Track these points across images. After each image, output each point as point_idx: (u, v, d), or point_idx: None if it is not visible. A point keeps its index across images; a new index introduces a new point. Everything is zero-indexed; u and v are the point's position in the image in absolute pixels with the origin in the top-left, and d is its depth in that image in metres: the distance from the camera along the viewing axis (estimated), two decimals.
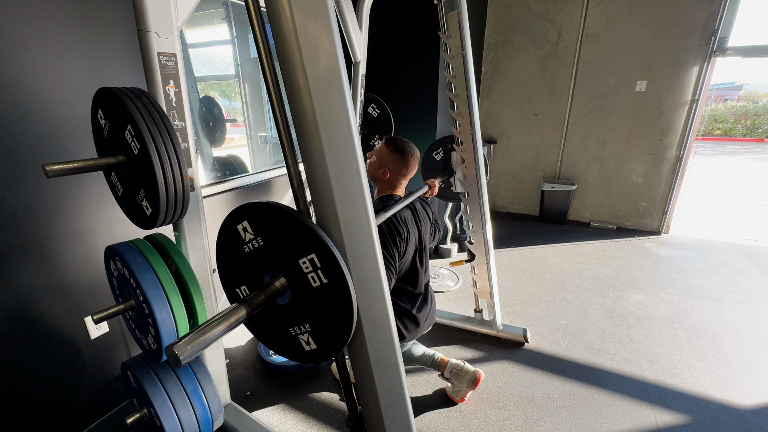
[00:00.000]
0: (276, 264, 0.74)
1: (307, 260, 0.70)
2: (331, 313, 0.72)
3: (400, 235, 1.39)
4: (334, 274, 0.69)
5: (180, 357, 0.56)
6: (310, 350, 0.78)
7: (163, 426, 1.14)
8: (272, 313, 0.80)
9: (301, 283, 0.72)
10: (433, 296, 1.68)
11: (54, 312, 1.43)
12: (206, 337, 0.60)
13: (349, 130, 0.71)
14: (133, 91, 0.96)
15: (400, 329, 1.52)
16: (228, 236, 0.79)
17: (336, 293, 0.70)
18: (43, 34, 1.28)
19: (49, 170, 0.85)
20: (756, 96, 19.63)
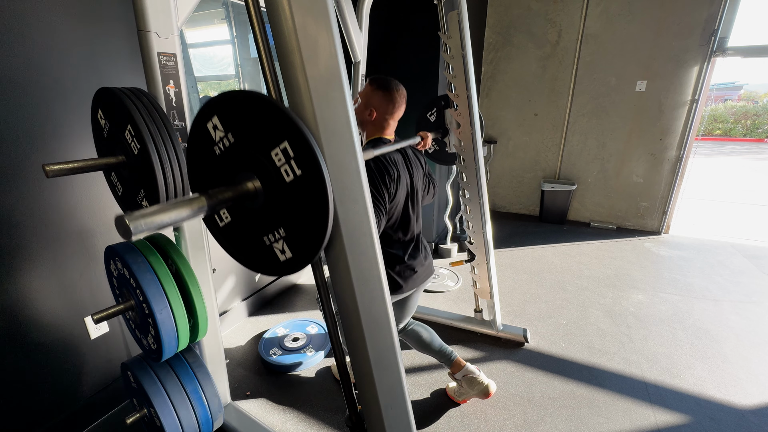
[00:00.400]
0: (249, 163, 0.69)
1: (279, 151, 0.65)
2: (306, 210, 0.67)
3: (390, 175, 1.32)
4: (308, 162, 0.64)
5: (131, 227, 0.52)
6: (286, 260, 0.73)
7: (163, 426, 1.14)
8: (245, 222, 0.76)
9: (274, 180, 0.68)
10: (427, 247, 1.60)
11: (54, 312, 1.43)
12: (160, 217, 0.57)
13: (349, 130, 0.71)
14: (133, 91, 0.96)
15: (394, 278, 1.45)
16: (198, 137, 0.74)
17: (310, 185, 0.65)
18: (43, 34, 1.28)
19: (49, 170, 0.85)
20: (756, 96, 19.63)
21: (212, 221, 0.82)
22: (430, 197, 1.67)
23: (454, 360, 1.71)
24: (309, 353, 2.03)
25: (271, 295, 2.67)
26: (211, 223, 0.82)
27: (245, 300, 2.44)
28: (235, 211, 0.77)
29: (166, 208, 0.59)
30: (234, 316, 2.36)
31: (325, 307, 0.88)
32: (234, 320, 2.36)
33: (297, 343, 2.10)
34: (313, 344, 2.11)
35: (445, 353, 1.72)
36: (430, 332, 1.75)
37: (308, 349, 2.07)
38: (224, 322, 2.28)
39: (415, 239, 1.53)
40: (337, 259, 0.74)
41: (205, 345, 1.46)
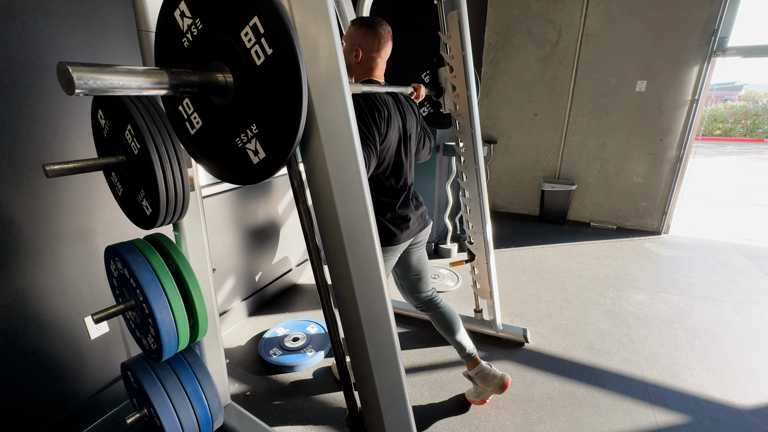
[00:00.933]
0: (219, 52, 0.66)
1: (249, 29, 0.61)
2: (278, 96, 0.63)
3: (379, 112, 1.27)
4: (279, 36, 0.59)
5: (75, 79, 0.47)
6: (260, 161, 0.69)
7: (163, 426, 1.14)
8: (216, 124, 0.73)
9: (245, 66, 0.64)
10: (420, 198, 1.54)
11: (54, 312, 1.43)
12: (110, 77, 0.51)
13: (349, 130, 0.71)
14: None
15: (387, 226, 1.38)
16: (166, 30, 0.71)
17: (282, 63, 0.60)
18: (42, 34, 1.28)
19: (49, 170, 0.85)
20: (756, 96, 19.63)
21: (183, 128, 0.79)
22: (427, 151, 1.61)
23: (474, 357, 1.70)
24: (309, 353, 2.03)
25: (271, 295, 2.67)
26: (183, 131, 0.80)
27: (245, 300, 2.44)
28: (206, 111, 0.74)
29: (120, 70, 0.53)
30: (234, 316, 2.36)
31: (325, 307, 0.89)
32: (234, 320, 2.36)
33: (297, 343, 2.10)
34: (313, 344, 2.11)
35: (466, 347, 1.69)
36: (457, 320, 1.70)
37: (308, 349, 2.07)
38: (224, 322, 2.28)
39: (407, 189, 1.47)
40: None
41: (205, 345, 1.46)
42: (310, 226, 0.78)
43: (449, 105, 1.89)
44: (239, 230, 2.31)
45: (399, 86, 1.44)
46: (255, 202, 2.41)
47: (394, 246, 1.42)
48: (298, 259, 2.91)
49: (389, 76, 1.50)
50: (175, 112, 0.84)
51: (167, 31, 0.71)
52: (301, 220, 0.78)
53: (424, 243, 1.60)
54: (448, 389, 1.84)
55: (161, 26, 0.72)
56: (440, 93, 1.91)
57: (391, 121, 1.31)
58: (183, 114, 0.80)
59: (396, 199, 1.42)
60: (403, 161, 1.42)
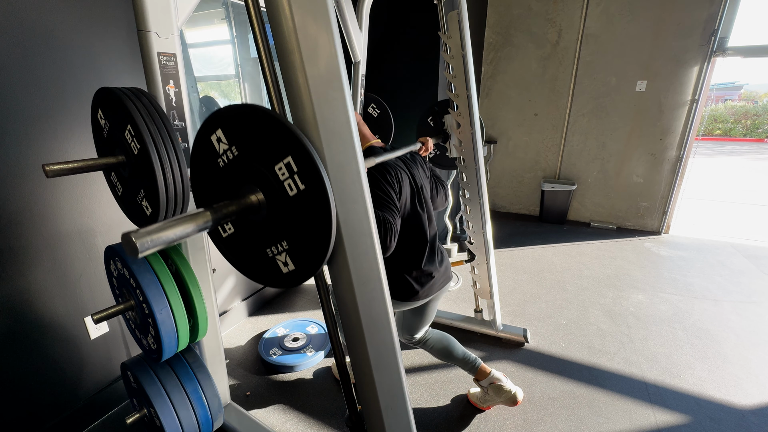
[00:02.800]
0: (252, 176, 0.70)
1: (283, 165, 0.65)
2: (309, 224, 0.67)
3: (390, 174, 1.30)
4: (311, 178, 0.64)
5: (138, 246, 0.53)
6: (288, 272, 0.73)
7: (163, 426, 1.14)
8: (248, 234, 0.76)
9: (278, 194, 0.68)
10: (444, 251, 1.55)
11: (54, 312, 1.43)
12: (166, 233, 0.57)
13: (349, 130, 0.71)
14: (133, 91, 0.96)
15: (411, 284, 1.39)
16: (202, 150, 0.75)
17: (313, 200, 0.65)
18: (42, 34, 1.28)
19: (49, 170, 0.85)
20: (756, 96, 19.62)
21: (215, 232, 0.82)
22: (443, 199, 1.63)
23: (479, 367, 1.66)
24: (309, 353, 2.03)
25: (271, 295, 2.67)
26: (215, 234, 0.83)
27: (245, 300, 2.44)
28: (239, 223, 0.77)
29: (171, 224, 0.59)
30: (234, 316, 2.36)
31: (325, 307, 0.88)
32: (234, 320, 2.36)
33: (297, 343, 2.10)
34: (313, 344, 2.11)
35: (468, 361, 1.67)
36: (452, 341, 1.69)
37: (308, 349, 2.07)
38: (224, 322, 2.28)
39: (430, 242, 1.48)
40: (340, 270, 0.74)
41: (205, 345, 1.46)
42: None
43: (455, 143, 1.94)
44: None
45: (408, 146, 1.50)
46: None
47: (414, 302, 1.43)
48: None
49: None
50: None
51: (203, 150, 0.75)
52: None
53: (442, 295, 1.57)
54: (448, 389, 1.84)
55: (198, 144, 0.75)
56: (446, 138, 1.96)
57: (401, 178, 1.35)
58: None
59: (421, 254, 1.43)
60: (421, 215, 1.43)
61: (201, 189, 0.80)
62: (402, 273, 1.40)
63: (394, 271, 1.39)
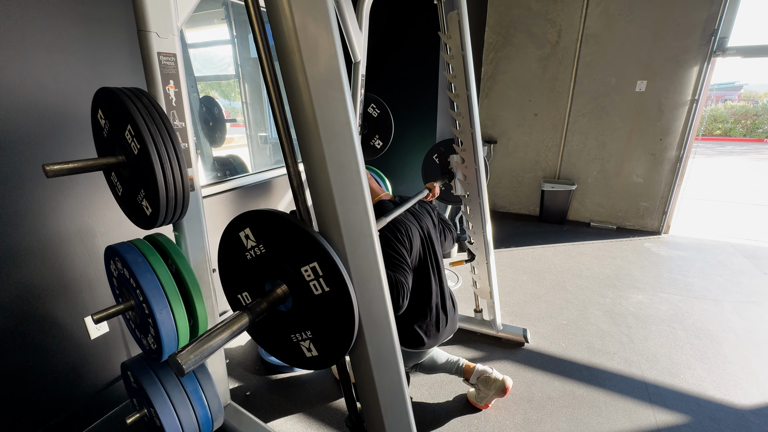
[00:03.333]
0: (278, 271, 0.74)
1: (309, 268, 0.70)
2: (332, 321, 0.73)
3: (401, 231, 1.34)
4: (336, 283, 0.69)
5: (183, 367, 0.57)
6: (312, 357, 0.79)
7: (163, 426, 1.14)
8: (273, 319, 0.80)
9: (303, 291, 0.73)
10: (454, 299, 1.59)
11: (54, 312, 1.43)
12: (209, 345, 0.61)
13: (349, 130, 0.71)
14: (133, 91, 0.96)
15: (419, 334, 1.45)
16: (230, 243, 0.79)
17: (338, 302, 0.70)
18: (42, 34, 1.28)
19: (49, 170, 0.85)
20: (756, 96, 19.62)
21: None
22: (450, 244, 1.66)
23: (464, 367, 1.69)
24: None
25: None
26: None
27: None
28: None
29: (212, 335, 0.62)
30: None
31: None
32: None
33: None
34: None
35: (452, 364, 1.70)
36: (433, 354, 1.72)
37: None
38: None
39: (440, 293, 1.51)
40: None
41: None
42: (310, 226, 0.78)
43: (460, 180, 1.97)
44: None
45: (416, 196, 1.53)
46: (255, 202, 2.40)
47: (419, 350, 1.48)
48: None
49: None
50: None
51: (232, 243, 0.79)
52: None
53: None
54: (448, 389, 1.84)
55: (227, 236, 0.79)
56: (451, 177, 2.01)
57: (412, 234, 1.38)
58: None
59: (431, 307, 1.47)
60: (431, 265, 1.47)
61: (228, 277, 0.84)
62: (411, 324, 1.45)
63: (403, 321, 1.44)
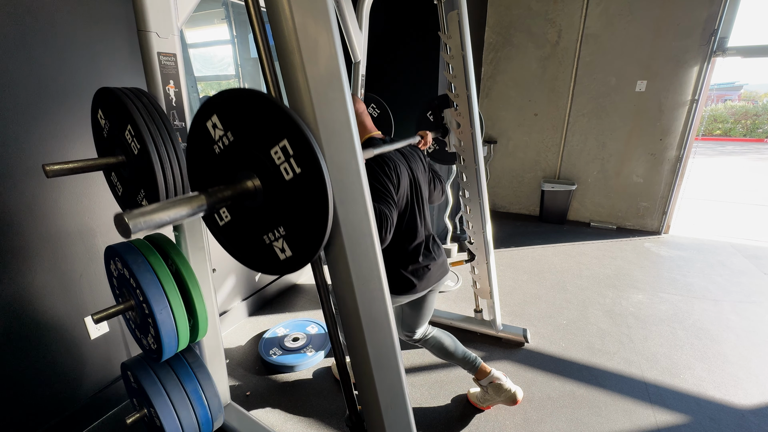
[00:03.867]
0: (248, 162, 0.70)
1: (278, 149, 0.65)
2: (305, 207, 0.67)
3: (389, 166, 1.30)
4: (307, 160, 0.64)
5: (130, 225, 0.53)
6: (286, 258, 0.73)
7: (163, 426, 1.14)
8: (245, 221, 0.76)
9: (274, 179, 0.68)
10: (440, 245, 1.56)
11: (54, 312, 1.43)
12: (160, 215, 0.57)
13: (349, 130, 0.71)
14: (133, 91, 0.96)
15: (408, 278, 1.41)
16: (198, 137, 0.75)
17: (310, 183, 0.65)
18: (42, 33, 1.28)
19: (49, 170, 0.85)
20: (756, 96, 19.62)
21: (212, 220, 0.82)
22: (439, 193, 1.62)
23: (479, 367, 1.66)
24: (309, 353, 2.03)
25: (271, 295, 2.67)
26: (211, 223, 0.82)
27: (245, 300, 2.44)
28: (235, 210, 0.77)
29: (165, 206, 0.59)
30: (234, 316, 2.36)
31: (325, 307, 0.88)
32: (234, 320, 2.36)
33: (297, 343, 2.10)
34: (313, 344, 2.11)
35: (469, 360, 1.67)
36: (453, 339, 1.69)
37: (308, 349, 2.07)
38: (224, 322, 2.28)
39: (426, 237, 1.49)
40: (337, 258, 0.74)
41: (205, 345, 1.46)
42: None
43: (454, 141, 1.92)
44: None
45: (407, 139, 1.48)
46: None
47: (412, 295, 1.44)
48: None
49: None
50: None
51: (199, 137, 0.75)
52: None
53: (438, 289, 1.58)
54: (448, 389, 1.84)
55: (194, 131, 0.75)
56: (446, 133, 1.95)
57: (400, 171, 1.34)
58: None
59: (417, 248, 1.44)
60: (417, 210, 1.44)
61: (197, 176, 0.80)
62: (398, 268, 1.41)
63: (390, 267, 1.40)
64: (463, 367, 1.69)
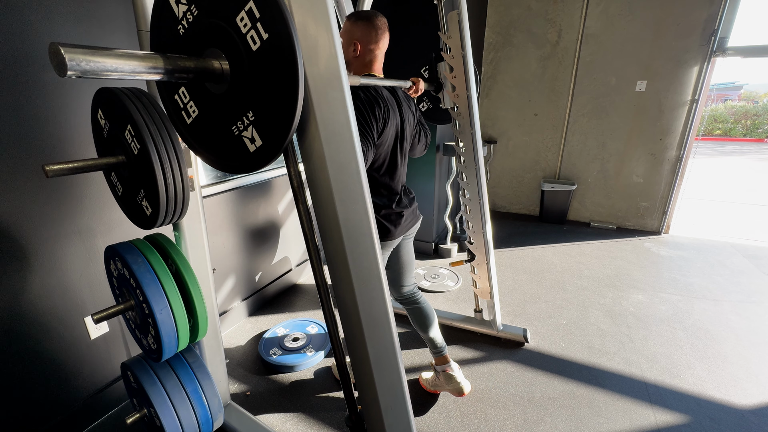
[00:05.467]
0: (214, 38, 0.65)
1: (245, 14, 0.61)
2: (274, 83, 0.62)
3: (380, 107, 1.27)
4: (275, 20, 0.58)
5: (66, 61, 0.46)
6: (256, 149, 0.69)
7: (163, 426, 1.14)
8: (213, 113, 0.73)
9: (241, 52, 0.63)
10: (412, 193, 1.58)
11: (54, 312, 1.43)
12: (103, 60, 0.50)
13: (349, 130, 0.71)
14: (133, 91, 0.96)
15: (382, 223, 1.42)
16: (161, 18, 0.70)
17: (278, 48, 0.60)
18: (42, 33, 1.28)
19: (49, 170, 0.85)
20: (756, 96, 19.63)
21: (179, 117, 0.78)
22: (423, 147, 1.62)
23: (443, 355, 1.74)
24: (309, 353, 2.03)
25: (271, 295, 2.67)
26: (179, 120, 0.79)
27: (245, 300, 2.44)
28: (202, 99, 0.74)
29: (115, 54, 0.53)
30: (234, 316, 2.36)
31: (325, 307, 0.89)
32: (234, 320, 2.36)
33: (297, 343, 2.10)
34: (313, 344, 2.11)
35: (437, 344, 1.73)
36: (434, 318, 1.74)
37: (308, 349, 2.07)
38: (224, 322, 2.28)
39: (402, 187, 1.51)
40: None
41: (205, 345, 1.46)
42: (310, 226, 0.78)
43: (448, 102, 1.88)
44: (239, 230, 2.31)
45: (398, 80, 1.43)
46: (255, 202, 2.40)
47: (387, 242, 1.46)
48: (298, 259, 2.91)
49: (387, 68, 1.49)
50: (171, 101, 0.84)
51: (163, 18, 0.70)
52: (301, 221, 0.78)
53: (413, 236, 1.63)
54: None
55: (157, 13, 0.71)
56: (439, 88, 1.89)
57: (389, 117, 1.32)
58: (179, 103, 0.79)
59: (391, 197, 1.46)
60: (398, 159, 1.44)
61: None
62: (377, 214, 1.41)
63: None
64: (430, 348, 1.76)
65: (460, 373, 1.74)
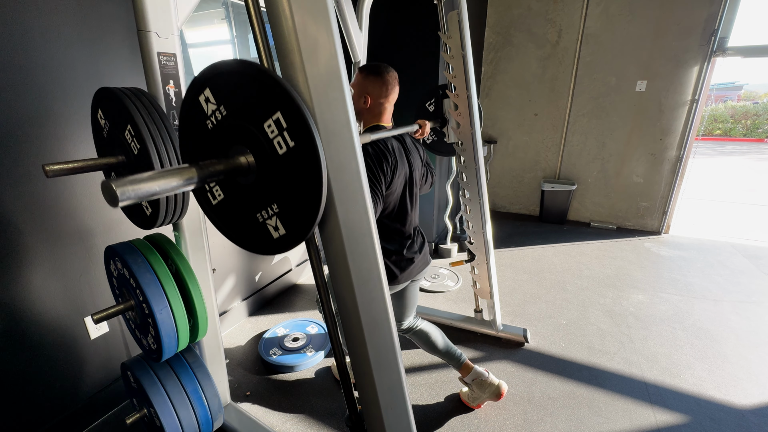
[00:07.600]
0: (242, 137, 0.68)
1: (272, 122, 0.64)
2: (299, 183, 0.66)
3: (388, 161, 1.31)
4: (301, 132, 0.63)
5: (118, 194, 0.51)
6: (279, 237, 0.72)
7: (163, 426, 1.14)
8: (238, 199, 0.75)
9: (268, 153, 0.66)
10: (425, 238, 1.59)
11: (54, 312, 1.43)
12: (148, 185, 0.55)
13: (349, 130, 0.71)
14: (133, 91, 0.96)
15: (390, 268, 1.43)
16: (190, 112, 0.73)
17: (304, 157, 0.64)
18: (42, 33, 1.28)
19: (49, 170, 0.85)
20: (756, 96, 19.62)
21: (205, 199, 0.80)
22: (428, 186, 1.65)
23: (464, 363, 1.69)
24: (309, 353, 2.03)
25: (271, 295, 2.67)
26: (204, 201, 0.81)
27: (245, 300, 2.44)
28: (228, 187, 0.76)
29: (155, 176, 0.58)
30: (234, 316, 2.36)
31: (325, 307, 0.88)
32: (234, 320, 2.36)
33: (297, 343, 2.10)
34: (313, 344, 2.11)
35: (454, 356, 1.70)
36: (440, 334, 1.72)
37: (308, 349, 2.07)
38: (224, 322, 2.28)
39: (413, 230, 1.52)
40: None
41: (205, 345, 1.46)
42: None
43: (453, 137, 1.91)
44: None
45: (404, 127, 1.48)
46: None
47: (394, 286, 1.46)
48: (298, 259, 2.91)
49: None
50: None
51: (192, 112, 0.73)
52: None
53: (420, 280, 1.62)
54: (448, 389, 1.84)
55: (186, 106, 0.74)
56: (444, 123, 1.93)
57: (397, 169, 1.36)
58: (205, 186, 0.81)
59: (403, 242, 1.47)
60: (407, 204, 1.46)
61: (189, 152, 0.78)
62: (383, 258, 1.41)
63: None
64: (449, 363, 1.72)
65: (491, 374, 1.69)
